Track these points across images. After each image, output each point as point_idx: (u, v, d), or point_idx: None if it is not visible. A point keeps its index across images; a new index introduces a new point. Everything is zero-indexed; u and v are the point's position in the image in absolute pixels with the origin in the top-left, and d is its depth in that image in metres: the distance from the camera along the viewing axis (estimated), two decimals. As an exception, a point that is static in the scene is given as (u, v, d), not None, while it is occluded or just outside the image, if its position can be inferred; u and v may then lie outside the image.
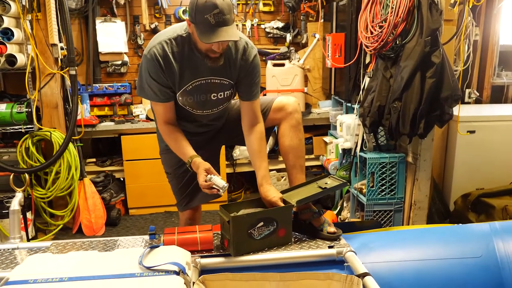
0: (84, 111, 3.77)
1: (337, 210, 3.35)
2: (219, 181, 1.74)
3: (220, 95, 1.88)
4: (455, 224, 1.90)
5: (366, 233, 1.93)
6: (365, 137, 2.96)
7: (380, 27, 2.53)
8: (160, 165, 2.16)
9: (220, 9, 1.58)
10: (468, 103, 3.66)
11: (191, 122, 1.98)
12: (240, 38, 1.78)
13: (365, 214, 2.88)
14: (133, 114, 3.95)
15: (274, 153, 4.02)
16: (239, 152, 4.01)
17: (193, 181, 2.05)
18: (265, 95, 3.79)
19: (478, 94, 3.67)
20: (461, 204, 3.09)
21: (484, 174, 3.16)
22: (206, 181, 1.74)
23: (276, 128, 2.56)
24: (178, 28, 1.77)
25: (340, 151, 3.33)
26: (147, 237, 1.89)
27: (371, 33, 2.59)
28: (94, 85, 3.94)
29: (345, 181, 1.91)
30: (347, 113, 3.47)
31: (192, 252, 1.70)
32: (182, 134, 1.88)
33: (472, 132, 3.13)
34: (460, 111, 3.07)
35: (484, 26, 3.64)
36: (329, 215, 2.86)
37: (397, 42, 2.47)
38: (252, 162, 1.94)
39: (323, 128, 4.12)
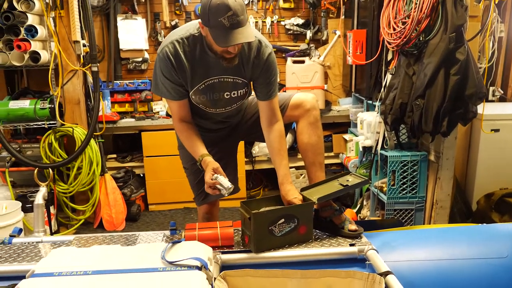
0: (106, 108, 3.81)
1: (356, 208, 3.33)
2: (225, 182, 1.74)
3: (234, 94, 1.87)
4: (479, 224, 1.86)
5: (387, 231, 1.91)
6: (386, 135, 2.94)
7: (403, 23, 2.50)
8: (179, 161, 2.17)
9: (234, 11, 1.56)
10: (492, 101, 3.59)
11: (205, 119, 1.99)
12: (254, 37, 1.78)
13: (385, 212, 2.86)
14: (153, 111, 3.98)
15: (293, 150, 4.02)
16: (258, 149, 4.01)
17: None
18: (285, 91, 3.79)
19: (502, 92, 3.60)
20: (484, 203, 3.04)
21: (508, 174, 3.10)
22: (212, 179, 1.74)
23: (294, 124, 2.56)
24: (191, 27, 1.76)
25: (361, 149, 3.32)
26: (167, 232, 1.90)
27: (394, 29, 2.56)
28: (115, 81, 3.98)
29: (367, 178, 1.89)
30: (368, 110, 3.45)
31: (213, 247, 1.70)
32: (196, 132, 1.88)
33: (496, 130, 3.07)
34: (484, 109, 3.01)
35: (510, 23, 3.56)
36: (349, 213, 2.83)
37: (421, 39, 2.44)
38: (272, 160, 1.93)
39: (343, 125, 4.10)
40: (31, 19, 3.13)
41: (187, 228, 1.77)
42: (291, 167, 4.06)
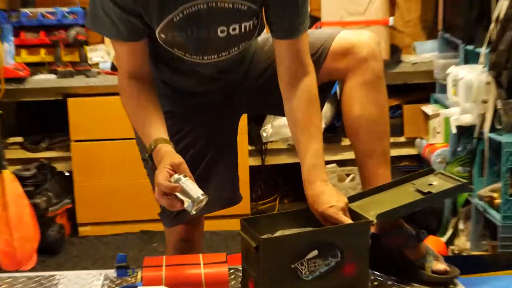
0: (5, 56, 3.79)
1: (447, 236, 3.32)
2: (192, 188, 1.71)
3: (234, 29, 1.88)
4: None
5: (502, 275, 1.92)
6: (499, 106, 2.93)
7: None
8: (133, 149, 2.16)
9: None
10: None
11: (183, 75, 2.00)
12: None
13: (499, 243, 2.86)
14: (89, 62, 3.99)
15: (333, 133, 4.01)
16: (272, 130, 4.01)
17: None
18: (319, 28, 3.76)
19: None
20: None
21: None
22: (169, 182, 1.71)
23: (337, 86, 2.50)
24: None
25: (454, 131, 3.31)
26: (110, 272, 1.90)
27: None
28: (22, 10, 3.97)
29: (465, 181, 1.87)
30: (466, 63, 3.43)
31: (192, 299, 1.70)
32: (153, 101, 1.89)
33: None
34: None
35: None
36: (433, 243, 2.82)
37: None
38: (295, 143, 1.95)
39: (422, 89, 4.07)
40: None
41: (147, 265, 1.77)
42: (330, 162, 4.05)
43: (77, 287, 1.84)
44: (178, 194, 1.71)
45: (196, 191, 1.71)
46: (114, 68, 3.88)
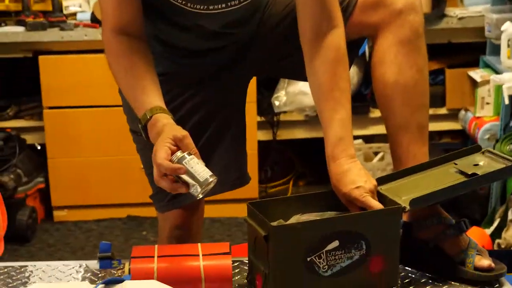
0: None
1: (493, 227, 3.34)
2: (198, 169, 1.71)
3: None
4: None
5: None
6: None
7: None
8: (119, 118, 2.19)
9: None
10: None
11: (184, 30, 2.00)
12: None
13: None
14: (64, 12, 3.99)
15: (360, 102, 4.04)
16: (286, 98, 4.03)
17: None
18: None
19: None
20: None
21: None
22: (171, 162, 1.72)
23: (366, 45, 2.51)
24: None
25: (507, 101, 3.31)
26: (92, 263, 1.93)
27: None
28: None
29: (518, 162, 1.88)
30: (525, 18, 3.42)
31: (190, 297, 1.73)
32: (146, 60, 1.89)
33: None
34: None
35: None
36: (477, 236, 2.85)
37: None
38: (318, 112, 1.95)
39: (470, 50, 4.07)
40: None
41: (135, 255, 1.79)
42: (356, 137, 4.08)
43: (53, 280, 1.86)
44: (183, 176, 1.71)
45: (203, 171, 1.71)
46: (94, 19, 3.88)
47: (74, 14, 4.00)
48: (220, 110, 2.12)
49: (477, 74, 3.85)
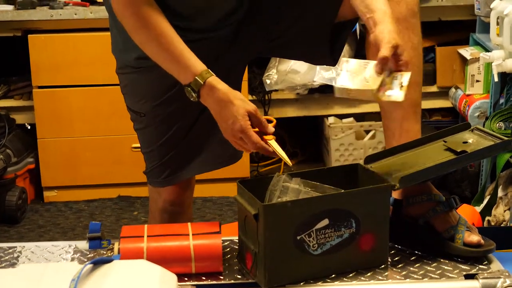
0: None
1: (482, 204, 3.34)
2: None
3: None
4: None
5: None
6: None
7: None
8: (110, 97, 2.19)
9: None
10: None
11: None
12: None
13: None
14: (54, -10, 3.97)
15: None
16: (277, 76, 4.02)
17: (189, 128, 2.11)
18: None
19: None
20: None
21: None
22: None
23: (357, 24, 2.51)
24: None
25: (496, 79, 3.31)
26: (81, 243, 1.94)
27: None
28: None
29: (508, 139, 1.89)
30: (514, -5, 3.40)
31: (180, 276, 1.72)
32: (170, 26, 1.89)
33: None
34: None
35: None
36: (467, 213, 2.85)
37: None
38: None
39: (460, 28, 4.07)
40: None
41: (125, 235, 1.80)
42: (347, 115, 4.10)
43: (42, 260, 1.87)
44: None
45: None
46: (86, -3, 3.87)
47: (64, -8, 3.97)
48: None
49: (467, 52, 3.85)
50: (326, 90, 3.96)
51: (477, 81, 3.78)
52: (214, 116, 1.88)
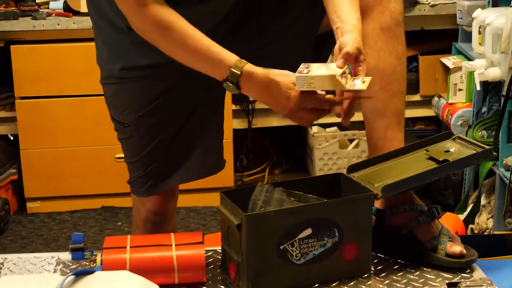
0: None
1: (466, 212, 3.35)
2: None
3: None
4: None
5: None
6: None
7: None
8: (92, 108, 2.19)
9: None
10: None
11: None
12: None
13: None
14: (37, 1, 3.95)
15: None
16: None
17: (173, 139, 2.11)
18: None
19: None
20: None
21: None
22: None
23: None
24: None
25: (478, 88, 3.31)
26: (64, 254, 1.93)
27: None
28: None
29: (489, 148, 1.89)
30: (496, 5, 3.41)
31: (163, 287, 1.72)
32: (190, 25, 1.88)
33: None
34: None
35: None
36: (450, 221, 2.87)
37: None
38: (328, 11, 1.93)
39: (442, 37, 4.08)
40: None
41: (108, 246, 1.80)
42: (331, 124, 4.11)
43: (24, 272, 1.85)
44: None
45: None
46: (67, 8, 3.85)
47: (46, 3, 3.95)
48: (205, 100, 2.13)
49: (449, 61, 3.86)
50: (309, 99, 3.96)
51: (460, 90, 3.79)
52: (263, 102, 1.89)
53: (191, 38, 1.87)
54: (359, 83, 1.78)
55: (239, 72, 1.83)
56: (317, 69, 1.81)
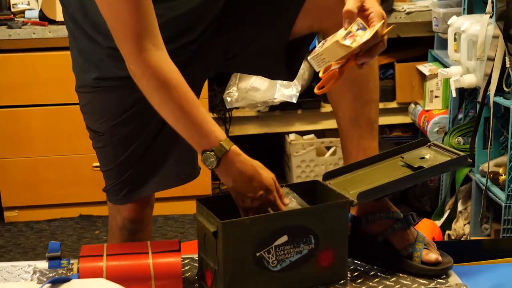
0: None
1: (443, 218, 3.38)
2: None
3: None
4: None
5: (502, 264, 1.96)
6: (508, 65, 2.92)
7: None
8: (68, 116, 2.19)
9: None
10: None
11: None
12: None
13: (503, 226, 2.90)
14: (12, 10, 3.95)
15: (313, 97, 4.03)
16: (238, 94, 4.01)
17: (147, 147, 2.10)
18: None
19: None
20: None
21: None
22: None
23: (316, 40, 2.52)
24: None
25: (454, 94, 3.33)
26: (41, 263, 1.93)
27: None
28: None
29: (464, 154, 1.90)
30: (471, 12, 3.43)
31: (139, 295, 1.72)
32: (185, 82, 1.85)
33: None
34: None
35: None
36: (427, 228, 2.87)
37: None
38: None
39: (418, 45, 4.11)
40: None
41: (84, 254, 1.80)
42: (308, 132, 4.12)
43: (1, 281, 1.85)
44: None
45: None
46: (43, 17, 3.85)
47: (22, 12, 3.95)
48: None
49: (425, 68, 3.88)
50: (286, 107, 3.99)
51: (436, 96, 3.82)
52: (234, 186, 1.85)
53: (188, 100, 1.84)
54: (368, 35, 1.74)
55: (227, 148, 1.84)
56: (326, 42, 1.78)
